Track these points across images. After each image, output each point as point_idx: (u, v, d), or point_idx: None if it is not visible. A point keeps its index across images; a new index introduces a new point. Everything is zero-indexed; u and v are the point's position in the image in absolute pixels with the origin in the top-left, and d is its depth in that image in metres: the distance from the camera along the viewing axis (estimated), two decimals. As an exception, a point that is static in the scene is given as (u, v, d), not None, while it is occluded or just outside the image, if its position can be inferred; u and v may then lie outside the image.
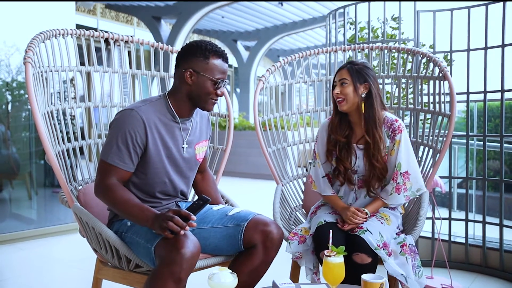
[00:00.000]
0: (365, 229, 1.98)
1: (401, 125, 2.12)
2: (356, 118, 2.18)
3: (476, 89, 3.14)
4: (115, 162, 1.78)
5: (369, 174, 2.14)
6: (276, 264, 2.06)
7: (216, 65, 1.85)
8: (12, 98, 4.23)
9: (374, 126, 2.11)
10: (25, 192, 4.28)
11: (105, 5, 12.32)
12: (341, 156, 2.18)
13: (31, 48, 2.02)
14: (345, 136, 2.19)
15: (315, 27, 13.30)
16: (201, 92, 1.86)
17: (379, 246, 1.94)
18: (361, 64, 2.17)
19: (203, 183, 2.22)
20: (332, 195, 2.23)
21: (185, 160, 1.96)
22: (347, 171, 2.18)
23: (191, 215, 1.62)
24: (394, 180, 2.10)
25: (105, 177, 1.79)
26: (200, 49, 1.84)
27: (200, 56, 1.84)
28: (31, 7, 3.99)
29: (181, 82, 1.88)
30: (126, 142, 1.78)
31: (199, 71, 1.83)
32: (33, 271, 3.19)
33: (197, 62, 1.84)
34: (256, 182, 8.08)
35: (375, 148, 2.10)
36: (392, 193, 2.11)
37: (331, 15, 3.67)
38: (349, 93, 2.12)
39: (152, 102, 1.88)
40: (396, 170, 2.10)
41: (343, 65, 2.21)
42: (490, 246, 3.15)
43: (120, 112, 1.84)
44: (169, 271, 1.55)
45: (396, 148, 2.10)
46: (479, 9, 3.08)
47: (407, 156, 2.11)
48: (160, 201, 1.95)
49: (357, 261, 1.92)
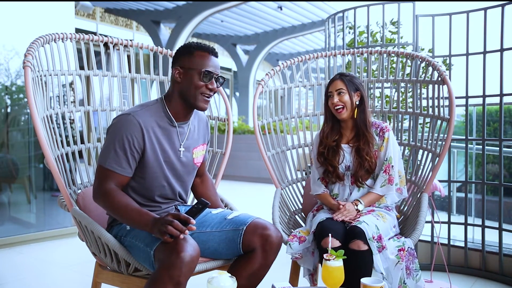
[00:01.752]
0: (362, 221, 2.04)
1: (387, 126, 2.36)
2: (347, 123, 2.38)
3: (475, 93, 3.15)
4: (113, 167, 1.78)
5: (357, 166, 2.31)
6: (275, 267, 2.06)
7: (201, 58, 1.86)
8: (11, 102, 4.23)
9: (365, 128, 2.33)
10: (24, 196, 4.28)
11: (105, 9, 12.35)
12: (328, 157, 2.37)
13: (30, 52, 2.02)
14: (334, 140, 2.38)
15: (314, 31, 13.34)
16: (190, 87, 1.86)
17: (374, 237, 1.99)
18: (349, 75, 2.37)
19: (202, 187, 2.22)
20: (323, 193, 2.39)
21: (182, 164, 1.96)
22: (335, 169, 2.34)
23: (190, 219, 1.62)
24: (386, 172, 2.30)
25: (103, 182, 1.78)
26: (185, 47, 1.89)
27: (185, 53, 1.87)
28: (31, 11, 3.99)
29: (172, 82, 1.90)
30: (124, 147, 1.78)
31: (185, 66, 1.86)
32: (32, 275, 3.18)
33: (183, 59, 1.87)
34: (255, 185, 8.07)
35: (365, 143, 2.30)
36: (384, 184, 2.29)
37: (330, 19, 3.68)
38: (347, 100, 2.32)
39: (149, 107, 1.89)
40: (388, 163, 2.30)
41: (334, 77, 2.39)
42: (489, 250, 3.15)
43: (117, 117, 1.84)
44: (168, 275, 1.55)
45: (385, 145, 2.32)
46: (477, 14, 3.09)
47: (395, 151, 2.33)
48: (159, 205, 1.95)
49: (353, 248, 1.96)
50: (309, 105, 3.02)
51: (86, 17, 11.96)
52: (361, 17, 3.43)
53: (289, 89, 2.81)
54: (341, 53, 2.85)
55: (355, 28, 3.49)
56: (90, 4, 10.34)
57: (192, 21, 11.28)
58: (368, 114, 2.35)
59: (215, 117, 2.62)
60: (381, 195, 2.30)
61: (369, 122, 2.34)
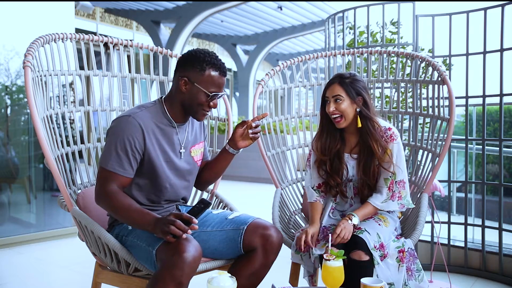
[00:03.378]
0: (363, 230, 1.98)
1: (394, 133, 2.10)
2: (350, 128, 2.14)
3: (475, 93, 3.15)
4: (115, 169, 1.78)
5: (362, 184, 2.13)
6: (275, 268, 2.06)
7: (212, 78, 1.83)
8: (11, 102, 4.23)
9: (369, 137, 2.07)
10: (24, 196, 4.28)
11: (105, 9, 12.36)
12: (331, 171, 2.16)
13: (30, 52, 2.02)
14: (336, 151, 2.15)
15: (314, 31, 13.35)
16: (193, 102, 1.85)
17: (376, 247, 1.94)
18: (350, 76, 2.10)
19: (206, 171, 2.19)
20: (315, 202, 2.20)
21: (184, 164, 1.97)
22: (339, 185, 2.16)
23: (192, 218, 1.62)
24: (390, 190, 2.08)
25: (105, 184, 1.78)
26: (198, 60, 1.83)
27: (196, 67, 1.82)
28: (31, 11, 3.99)
29: (176, 89, 1.88)
30: (125, 149, 1.78)
31: (193, 81, 1.83)
32: (32, 275, 3.18)
33: (193, 72, 1.83)
34: (255, 186, 8.07)
35: (372, 157, 2.07)
36: (386, 200, 2.09)
37: (330, 19, 3.68)
38: (346, 109, 2.07)
39: (148, 108, 1.88)
40: (392, 179, 2.08)
41: (332, 79, 2.13)
42: (489, 250, 3.15)
43: (117, 119, 1.84)
44: (170, 274, 1.55)
45: (389, 157, 2.07)
46: (477, 14, 3.09)
47: (401, 165, 2.10)
48: (161, 205, 1.95)
49: (354, 258, 1.92)
50: (309, 105, 3.02)
51: (86, 17, 11.96)
52: (361, 17, 3.44)
53: (289, 89, 2.81)
54: (341, 53, 2.85)
55: (355, 28, 3.49)
56: (90, 4, 10.34)
57: (192, 21, 11.28)
58: (372, 119, 2.08)
59: (215, 117, 2.62)
60: (379, 209, 2.11)
61: (375, 130, 2.07)
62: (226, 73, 1.89)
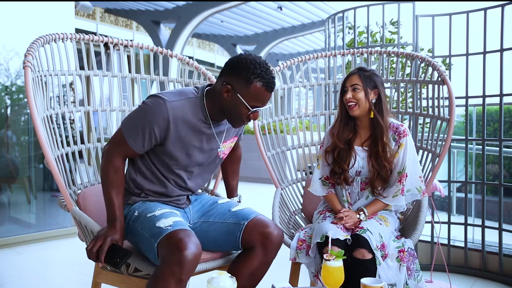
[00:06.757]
0: (366, 229, 1.99)
1: (406, 129, 2.18)
2: (363, 122, 2.22)
3: (475, 93, 3.15)
4: (128, 140, 1.80)
5: (373, 175, 2.16)
6: (275, 267, 2.06)
7: (256, 93, 1.75)
8: (11, 102, 4.23)
9: (381, 130, 2.15)
10: (24, 196, 4.28)
11: (105, 10, 12.36)
12: (338, 158, 2.21)
13: (30, 52, 2.02)
14: (347, 139, 2.22)
15: (314, 31, 13.35)
16: (233, 111, 1.81)
17: (378, 246, 1.95)
18: (370, 71, 2.22)
19: (228, 164, 2.26)
20: (327, 194, 2.28)
21: (209, 160, 1.97)
22: (344, 172, 2.20)
23: (102, 259, 1.70)
24: (401, 183, 2.14)
25: (115, 151, 1.82)
26: (246, 69, 1.73)
27: (243, 77, 1.73)
28: (31, 11, 3.99)
29: (219, 91, 1.81)
30: (144, 129, 1.78)
31: (237, 91, 1.75)
32: (32, 275, 3.18)
33: (238, 81, 1.75)
34: (255, 186, 8.07)
35: (384, 149, 2.13)
36: (397, 194, 2.14)
37: (330, 19, 3.68)
38: (361, 98, 2.16)
39: (189, 99, 1.84)
40: (404, 173, 2.14)
41: (353, 71, 2.23)
42: (489, 250, 3.15)
43: (154, 98, 1.79)
44: (170, 271, 1.56)
45: (401, 151, 2.14)
46: (477, 14, 3.09)
47: (411, 159, 2.16)
48: (171, 196, 1.96)
49: (358, 256, 1.93)
50: (309, 105, 3.03)
51: (86, 17, 11.97)
52: (361, 17, 3.44)
53: (289, 89, 2.81)
54: (341, 53, 2.85)
55: (355, 28, 3.49)
56: (90, 4, 10.33)
57: (192, 21, 11.28)
58: (385, 115, 2.17)
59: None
60: (389, 204, 2.18)
61: (386, 125, 2.17)
62: (274, 87, 1.79)
